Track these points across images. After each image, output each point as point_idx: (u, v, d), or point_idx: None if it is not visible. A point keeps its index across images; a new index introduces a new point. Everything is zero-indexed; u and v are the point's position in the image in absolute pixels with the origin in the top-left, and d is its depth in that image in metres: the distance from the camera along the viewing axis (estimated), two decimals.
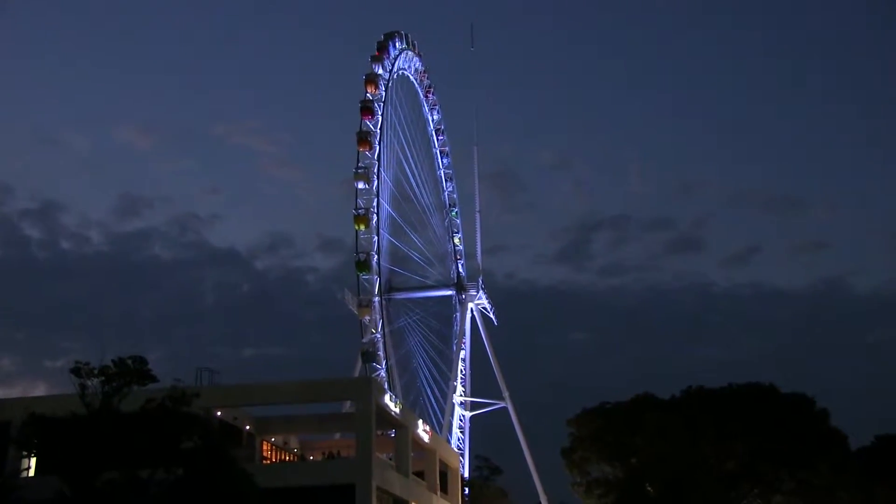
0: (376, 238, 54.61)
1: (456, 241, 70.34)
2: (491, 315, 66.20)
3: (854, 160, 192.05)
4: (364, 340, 51.96)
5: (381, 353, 52.81)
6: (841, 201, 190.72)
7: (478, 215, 67.12)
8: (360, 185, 54.68)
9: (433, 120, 70.10)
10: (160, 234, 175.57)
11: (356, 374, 53.91)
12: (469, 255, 69.36)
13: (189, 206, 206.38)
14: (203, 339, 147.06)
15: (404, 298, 62.00)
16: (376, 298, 53.63)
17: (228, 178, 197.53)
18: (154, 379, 26.06)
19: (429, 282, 63.20)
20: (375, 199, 55.25)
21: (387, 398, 36.80)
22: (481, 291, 65.09)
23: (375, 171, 55.79)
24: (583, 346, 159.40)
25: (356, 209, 53.84)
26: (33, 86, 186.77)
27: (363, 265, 52.94)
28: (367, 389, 34.69)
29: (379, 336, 52.95)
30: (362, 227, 53.34)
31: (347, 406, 42.65)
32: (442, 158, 70.88)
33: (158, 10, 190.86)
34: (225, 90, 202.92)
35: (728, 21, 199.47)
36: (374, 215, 54.86)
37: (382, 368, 52.45)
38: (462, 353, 63.92)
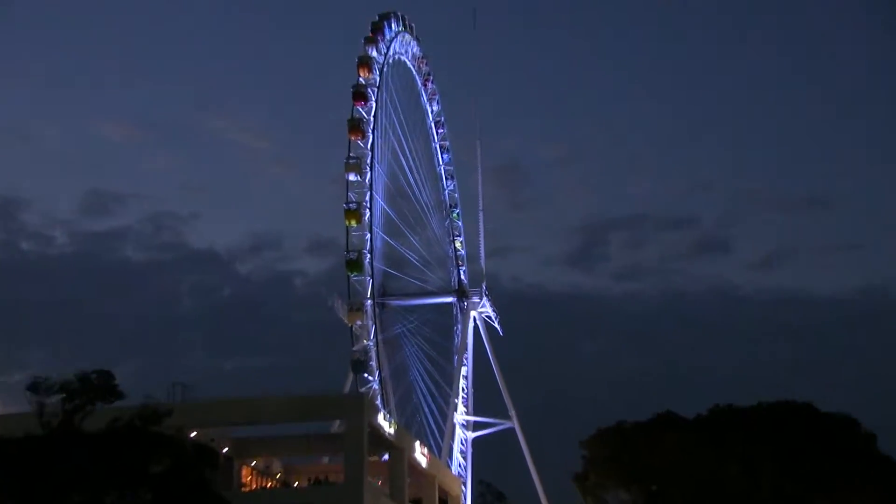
0: (369, 236, 54.94)
1: (457, 245, 70.54)
2: (495, 324, 66.03)
3: (886, 158, 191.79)
4: (355, 348, 52.11)
5: (373, 363, 52.85)
6: (875, 201, 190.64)
7: (481, 214, 66.98)
8: (352, 177, 55.04)
9: (432, 111, 70.40)
10: (133, 233, 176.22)
11: (347, 389, 53.94)
12: (471, 257, 69.62)
13: (165, 204, 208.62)
14: (178, 350, 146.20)
15: (400, 305, 62.20)
16: (368, 302, 53.67)
17: (209, 173, 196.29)
18: (121, 395, 26.09)
19: (427, 287, 63.42)
20: (368, 193, 55.56)
21: (380, 417, 36.84)
22: (485, 298, 65.05)
23: (368, 162, 56.00)
24: (597, 357, 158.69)
25: (347, 203, 54.39)
26: (1, 76, 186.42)
27: (354, 264, 53.32)
28: (359, 407, 34.90)
29: (371, 344, 53.05)
30: (354, 223, 53.90)
31: (336, 426, 42.61)
32: (442, 154, 71.11)
33: None
34: (207, 79, 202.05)
35: (746, 12, 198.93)
36: (367, 210, 55.14)
37: (374, 381, 52.47)
38: (464, 369, 64.10)
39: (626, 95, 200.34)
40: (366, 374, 51.80)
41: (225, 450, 38.12)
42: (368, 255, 54.48)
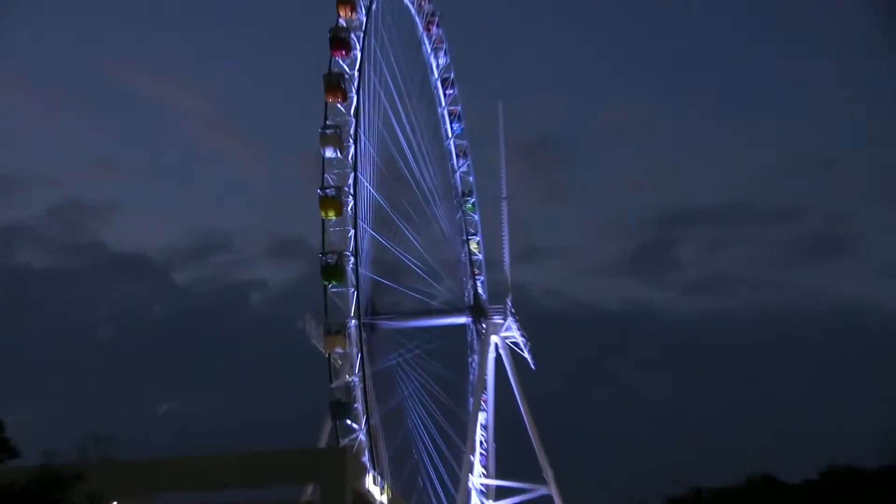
0: (353, 233, 54.89)
1: (473, 245, 70.84)
2: (525, 354, 65.70)
3: None
4: (334, 385, 52.26)
5: (358, 405, 52.74)
6: None
7: (504, 205, 66.49)
8: (329, 153, 55.14)
9: (437, 65, 70.78)
10: (32, 231, 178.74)
11: (323, 442, 53.88)
12: (492, 263, 69.91)
13: (76, 190, 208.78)
14: (94, 389, 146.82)
15: (395, 328, 62.52)
16: (352, 323, 53.55)
17: (136, 149, 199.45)
18: (14, 453, 26.08)
19: (432, 304, 63.76)
20: (352, 175, 55.54)
21: (368, 480, 36.70)
22: (510, 319, 64.98)
23: (352, 133, 55.98)
24: (663, 399, 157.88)
25: (323, 188, 54.46)
26: None
27: (333, 271, 53.15)
28: (339, 466, 35.35)
29: (356, 380, 53.09)
30: (332, 216, 54.12)
31: (309, 492, 42.40)
32: (451, 123, 71.25)
33: None
34: (134, 24, 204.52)
35: None
36: (350, 199, 55.06)
37: (361, 430, 52.76)
38: (482, 415, 63.87)
39: (709, 50, 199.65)
40: (349, 421, 51.58)
41: None
42: (352, 260, 54.42)
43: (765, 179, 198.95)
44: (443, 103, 71.43)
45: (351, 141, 55.84)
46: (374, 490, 36.85)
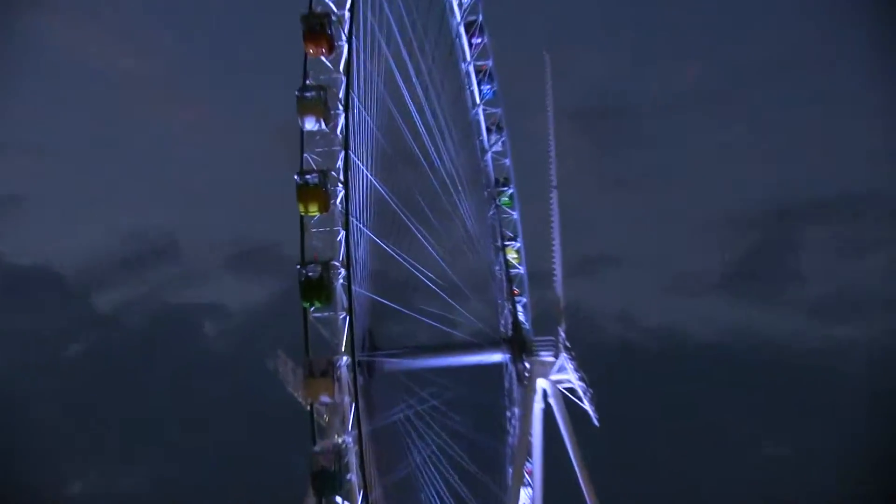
0: (343, 235, 54.23)
1: (511, 254, 71.10)
2: (585, 405, 64.98)
3: None
4: (317, 448, 51.99)
5: (353, 476, 52.56)
6: None
7: (554, 196, 65.96)
8: (310, 125, 54.68)
9: (461, 3, 71.14)
10: None
11: None
12: (538, 277, 70.61)
13: None
14: None
15: (403, 369, 62.46)
16: (344, 361, 53.27)
17: (44, 123, 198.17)
18: None
19: (455, 335, 64.21)
20: (342, 154, 54.97)
21: None
22: (563, 356, 64.37)
23: (342, 95, 55.39)
24: (783, 462, 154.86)
25: (302, 174, 53.91)
26: None
27: (317, 289, 52.96)
28: None
29: (350, 441, 52.79)
30: (315, 211, 53.70)
31: None
32: (480, 84, 71.61)
33: None
34: None
35: None
36: (340, 188, 54.47)
37: None
38: (526, 493, 64.25)
39: None
40: (339, 499, 51.55)
41: None
42: (343, 273, 53.94)
43: None
44: (467, 57, 71.43)
45: (340, 108, 55.15)
46: None
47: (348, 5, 56.49)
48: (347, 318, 53.64)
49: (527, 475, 65.96)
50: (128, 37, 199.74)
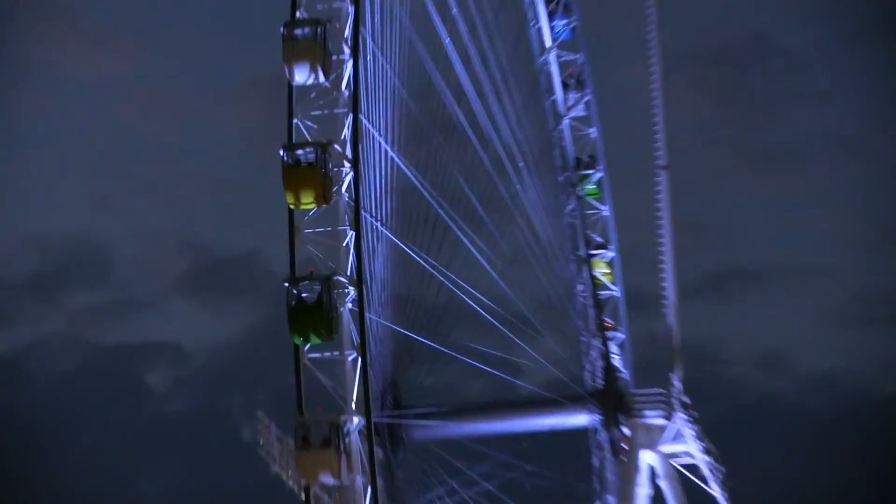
0: (352, 237, 47.65)
1: (601, 268, 65.00)
2: (712, 488, 58.30)
3: None
4: None
5: None
6: None
7: (663, 179, 57.75)
8: (302, 76, 47.70)
9: None
10: None
11: None
12: (640, 301, 65.28)
13: None
14: None
15: (439, 437, 56.48)
16: (354, 425, 46.48)
17: None
18: None
19: (518, 386, 57.21)
20: (349, 119, 47.82)
21: None
22: (679, 418, 58.03)
23: (348, 31, 48.22)
24: None
25: (290, 148, 47.28)
26: None
27: (312, 316, 46.60)
28: None
29: None
30: (309, 202, 47.72)
31: None
32: (553, 17, 65.02)
33: None
34: None
35: None
36: (346, 168, 47.30)
37: None
38: None
39: None
40: None
41: None
42: (351, 294, 46.97)
43: None
44: None
45: (347, 51, 47.32)
46: None
47: None
48: (360, 360, 46.57)
49: None
50: None
